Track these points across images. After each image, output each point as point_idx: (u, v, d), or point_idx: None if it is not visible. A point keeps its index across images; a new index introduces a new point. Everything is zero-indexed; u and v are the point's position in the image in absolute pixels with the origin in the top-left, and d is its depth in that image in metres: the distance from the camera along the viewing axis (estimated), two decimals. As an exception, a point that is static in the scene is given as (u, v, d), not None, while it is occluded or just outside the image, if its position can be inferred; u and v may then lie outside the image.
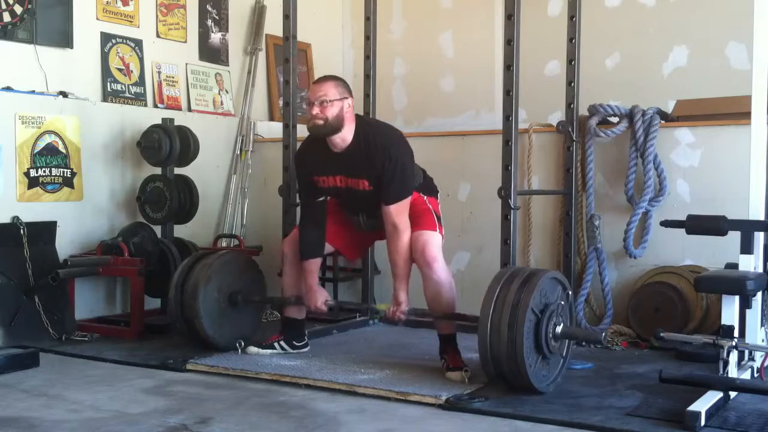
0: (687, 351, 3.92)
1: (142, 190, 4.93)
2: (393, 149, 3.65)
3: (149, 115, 5.15)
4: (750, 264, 3.38)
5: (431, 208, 3.79)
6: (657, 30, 5.57)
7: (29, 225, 4.46)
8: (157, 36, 5.43)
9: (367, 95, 5.01)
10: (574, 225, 4.62)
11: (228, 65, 5.91)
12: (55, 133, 4.70)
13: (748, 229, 3.40)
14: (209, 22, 5.78)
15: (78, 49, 4.90)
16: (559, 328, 3.36)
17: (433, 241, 3.69)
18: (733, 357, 3.22)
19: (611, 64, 5.71)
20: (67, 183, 4.78)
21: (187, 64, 5.61)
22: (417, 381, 3.50)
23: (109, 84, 5.09)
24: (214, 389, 3.47)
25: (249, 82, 5.96)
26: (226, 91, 5.88)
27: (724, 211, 3.57)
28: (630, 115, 4.53)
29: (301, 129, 4.44)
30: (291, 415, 3.11)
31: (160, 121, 4.96)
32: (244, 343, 4.04)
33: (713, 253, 4.15)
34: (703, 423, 2.87)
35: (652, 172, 4.45)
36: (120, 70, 5.17)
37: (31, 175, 4.58)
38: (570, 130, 4.46)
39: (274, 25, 5.81)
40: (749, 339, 3.37)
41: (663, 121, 4.50)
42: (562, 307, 3.43)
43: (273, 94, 6.18)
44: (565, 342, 3.46)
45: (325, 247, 3.93)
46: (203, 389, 3.47)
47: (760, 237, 3.44)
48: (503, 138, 3.80)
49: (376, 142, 3.66)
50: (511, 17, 3.75)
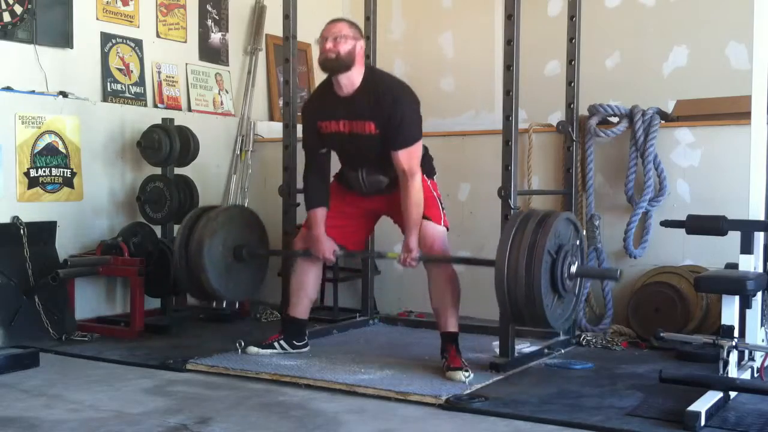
0: (687, 351, 3.92)
1: (142, 190, 4.93)
2: (401, 94, 3.67)
3: (149, 115, 5.16)
4: (750, 264, 3.38)
5: (435, 195, 3.81)
6: (657, 30, 5.57)
7: (29, 225, 4.46)
8: (157, 36, 5.43)
9: (367, 95, 4.99)
10: (574, 225, 4.62)
11: (228, 65, 5.91)
12: (55, 133, 4.70)
13: (748, 229, 3.40)
14: (209, 22, 5.78)
15: (78, 49, 4.90)
16: (573, 268, 3.39)
17: (440, 236, 3.73)
18: (733, 357, 3.22)
19: (611, 64, 5.71)
20: (67, 183, 4.78)
21: (187, 64, 5.61)
22: (417, 381, 3.50)
23: (109, 84, 5.09)
24: (214, 389, 3.47)
25: (249, 82, 5.96)
26: (226, 91, 5.88)
27: (724, 211, 3.57)
28: (630, 115, 4.53)
29: (301, 129, 4.44)
30: (291, 415, 3.11)
31: (160, 121, 4.96)
32: (244, 343, 4.04)
33: (713, 253, 4.15)
34: (703, 423, 2.87)
35: (652, 172, 4.45)
36: (120, 70, 5.17)
37: (31, 175, 4.58)
38: (570, 130, 4.46)
39: (274, 25, 5.81)
40: (749, 339, 3.37)
41: (663, 121, 4.50)
42: (575, 247, 3.46)
43: (273, 94, 6.18)
44: (578, 280, 3.49)
45: (329, 197, 3.89)
46: (203, 389, 3.47)
47: (760, 237, 3.44)
48: (503, 138, 3.80)
49: (384, 87, 3.67)
50: (511, 17, 3.75)
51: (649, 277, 4.48)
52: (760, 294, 3.37)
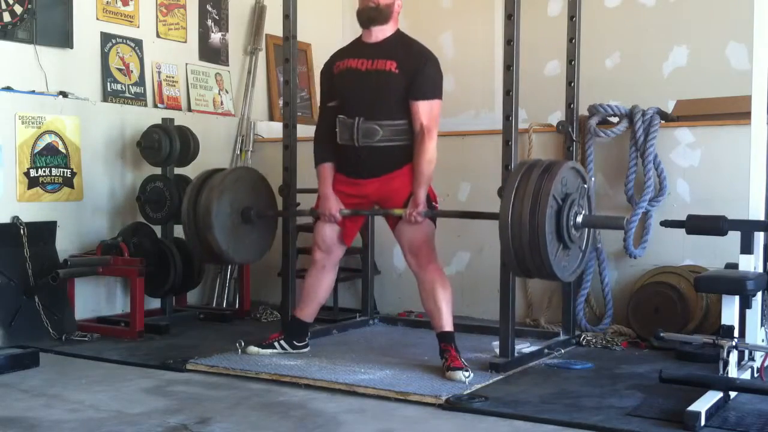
0: (687, 351, 3.92)
1: (142, 190, 4.93)
2: (429, 54, 3.74)
3: (149, 115, 5.16)
4: (750, 264, 3.38)
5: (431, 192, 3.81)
6: (657, 30, 5.57)
7: (29, 225, 4.46)
8: (157, 36, 5.43)
9: (367, 95, 4.99)
10: (574, 225, 4.62)
11: (228, 65, 5.91)
12: (55, 133, 4.71)
13: (748, 229, 3.40)
14: (209, 22, 5.78)
15: (78, 49, 4.90)
16: (579, 217, 3.36)
17: (429, 240, 3.75)
18: (733, 357, 3.22)
19: (611, 64, 5.71)
20: (67, 183, 4.78)
21: (187, 64, 5.61)
22: (417, 381, 3.50)
23: (109, 84, 5.09)
24: (214, 389, 3.47)
25: (249, 82, 5.96)
26: (226, 91, 5.88)
27: (724, 211, 3.57)
28: (630, 115, 4.53)
29: (301, 129, 4.44)
30: (291, 415, 3.11)
31: (160, 121, 4.96)
32: (244, 343, 4.04)
33: (713, 253, 4.15)
34: (703, 423, 2.87)
35: (652, 172, 4.45)
36: (120, 70, 5.17)
37: (31, 175, 4.59)
38: (570, 130, 4.46)
39: (274, 25, 5.81)
40: (749, 339, 3.37)
41: (663, 121, 4.50)
42: (583, 194, 3.43)
43: (273, 94, 6.18)
44: (585, 233, 3.46)
45: (335, 154, 3.86)
46: (203, 389, 3.47)
47: (760, 237, 3.44)
48: (503, 138, 3.79)
49: (413, 44, 3.79)
50: (511, 17, 3.74)
51: (649, 277, 4.48)
52: (760, 294, 3.37)
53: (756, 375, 3.46)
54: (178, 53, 5.56)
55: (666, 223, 3.67)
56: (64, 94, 4.75)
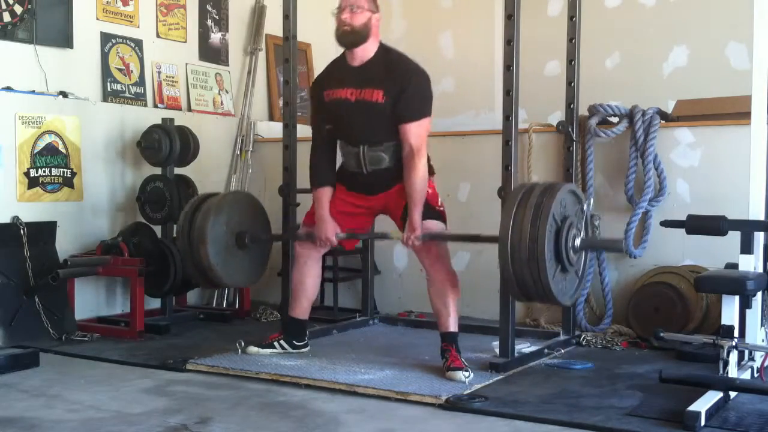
0: (687, 351, 3.92)
1: (142, 190, 4.93)
2: (414, 70, 3.68)
3: (149, 115, 5.16)
4: (750, 264, 3.38)
5: (435, 193, 3.78)
6: (657, 30, 5.57)
7: (29, 225, 4.46)
8: (157, 36, 5.43)
9: (367, 95, 4.99)
10: (574, 225, 4.61)
11: (228, 65, 5.91)
12: (55, 133, 4.71)
13: (748, 229, 3.40)
14: (209, 22, 5.78)
15: (78, 49, 4.90)
16: (578, 240, 3.36)
17: (441, 231, 3.73)
18: (733, 357, 3.22)
19: (611, 64, 5.72)
20: (67, 183, 4.78)
21: (187, 64, 5.61)
22: (417, 381, 3.50)
23: (109, 84, 5.09)
24: (214, 389, 3.47)
25: (249, 82, 5.96)
26: (226, 91, 5.88)
27: (724, 211, 3.57)
28: (630, 115, 4.53)
29: (301, 129, 4.44)
30: (291, 415, 3.11)
31: (160, 121, 4.96)
32: (244, 343, 4.04)
33: (713, 253, 4.14)
34: (703, 423, 2.87)
35: (652, 172, 4.45)
36: (120, 70, 5.17)
37: (31, 175, 4.59)
38: (570, 130, 4.46)
39: (274, 25, 5.81)
40: (749, 339, 3.37)
41: (663, 121, 4.50)
42: (579, 219, 3.43)
43: (273, 94, 6.18)
44: (582, 258, 3.46)
45: (335, 177, 3.86)
46: (203, 389, 3.47)
47: (760, 237, 3.44)
48: (503, 138, 3.79)
49: (397, 61, 3.70)
50: (511, 17, 3.74)
51: (649, 277, 4.48)
52: (760, 294, 3.37)
53: (756, 375, 3.46)
54: (178, 53, 5.56)
55: (666, 223, 3.67)
56: (64, 94, 4.75)
